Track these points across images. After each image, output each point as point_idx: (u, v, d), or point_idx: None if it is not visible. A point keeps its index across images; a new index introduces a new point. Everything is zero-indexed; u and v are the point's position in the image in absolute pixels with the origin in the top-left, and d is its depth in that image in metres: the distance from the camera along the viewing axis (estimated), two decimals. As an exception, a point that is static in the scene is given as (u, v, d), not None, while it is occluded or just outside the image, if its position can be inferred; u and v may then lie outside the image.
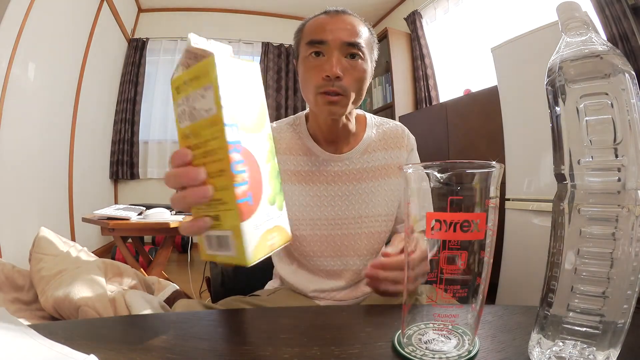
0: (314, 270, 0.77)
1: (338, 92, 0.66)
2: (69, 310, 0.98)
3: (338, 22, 0.67)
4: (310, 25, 0.70)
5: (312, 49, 0.67)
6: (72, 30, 2.77)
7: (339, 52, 0.66)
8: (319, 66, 0.66)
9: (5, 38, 2.01)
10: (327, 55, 0.66)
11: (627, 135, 0.29)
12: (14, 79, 2.06)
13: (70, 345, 0.32)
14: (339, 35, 0.66)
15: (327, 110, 0.67)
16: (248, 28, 4.20)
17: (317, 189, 0.75)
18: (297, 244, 0.75)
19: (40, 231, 1.30)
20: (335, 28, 0.66)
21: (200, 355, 0.35)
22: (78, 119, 2.88)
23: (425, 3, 3.34)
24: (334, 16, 0.69)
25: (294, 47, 0.74)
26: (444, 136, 2.62)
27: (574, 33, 0.32)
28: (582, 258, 0.30)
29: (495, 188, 0.33)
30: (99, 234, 2.06)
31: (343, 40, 0.66)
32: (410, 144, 0.81)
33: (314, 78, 0.67)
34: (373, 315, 0.48)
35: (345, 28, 0.67)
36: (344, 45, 0.66)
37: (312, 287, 0.76)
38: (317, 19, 0.70)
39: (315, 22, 0.69)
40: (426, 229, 0.34)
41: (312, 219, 0.74)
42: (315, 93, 0.67)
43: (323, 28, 0.67)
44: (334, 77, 0.64)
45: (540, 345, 0.32)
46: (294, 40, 0.74)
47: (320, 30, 0.67)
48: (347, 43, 0.66)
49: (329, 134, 0.75)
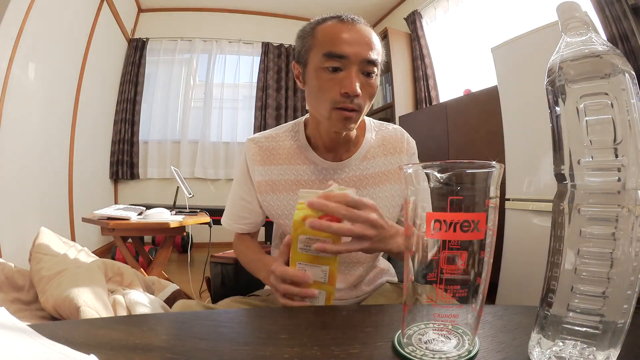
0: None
1: (354, 109, 0.65)
2: (69, 310, 0.98)
3: (357, 34, 0.65)
4: (326, 33, 0.66)
5: (331, 62, 0.64)
6: (72, 30, 2.77)
7: (357, 67, 0.64)
8: (337, 81, 0.64)
9: (5, 38, 2.01)
10: (346, 70, 0.64)
11: (627, 135, 0.29)
12: (14, 79, 2.06)
13: (70, 345, 0.32)
14: (359, 50, 0.63)
15: (341, 126, 0.66)
16: (248, 28, 4.20)
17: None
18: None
19: (40, 231, 1.30)
20: (355, 42, 0.64)
21: (200, 355, 0.35)
22: (78, 119, 2.88)
23: (425, 3, 3.34)
24: (351, 27, 0.65)
25: (300, 51, 0.70)
26: (444, 136, 2.62)
27: (574, 33, 0.32)
28: (582, 258, 0.30)
29: (495, 188, 0.33)
30: (99, 234, 2.06)
31: (364, 57, 0.64)
32: (410, 148, 0.80)
33: (330, 92, 0.64)
34: (373, 315, 0.48)
35: (365, 42, 0.64)
36: (364, 62, 0.64)
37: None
38: (333, 26, 0.66)
39: (332, 31, 0.66)
40: (426, 229, 0.34)
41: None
42: (330, 108, 0.65)
43: (342, 40, 0.64)
44: (353, 95, 0.63)
45: (540, 345, 0.32)
46: (301, 42, 0.70)
47: (339, 42, 0.64)
48: (367, 60, 0.64)
49: (330, 143, 0.74)
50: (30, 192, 2.31)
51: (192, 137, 4.04)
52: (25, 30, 2.12)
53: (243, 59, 4.27)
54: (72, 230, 2.79)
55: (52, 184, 2.60)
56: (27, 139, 2.28)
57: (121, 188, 3.92)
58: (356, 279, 0.77)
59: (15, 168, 2.14)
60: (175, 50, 4.09)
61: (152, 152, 3.96)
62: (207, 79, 4.15)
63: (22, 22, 2.11)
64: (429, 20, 3.37)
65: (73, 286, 1.01)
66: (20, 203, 2.19)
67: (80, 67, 2.91)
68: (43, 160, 2.46)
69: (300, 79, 0.72)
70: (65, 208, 2.76)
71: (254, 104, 4.18)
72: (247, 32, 4.20)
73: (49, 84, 2.50)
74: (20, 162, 2.20)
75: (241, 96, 4.27)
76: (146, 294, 1.16)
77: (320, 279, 0.53)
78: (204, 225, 2.23)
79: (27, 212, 2.27)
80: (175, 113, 4.06)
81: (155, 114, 4.03)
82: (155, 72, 4.05)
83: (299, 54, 0.71)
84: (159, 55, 4.05)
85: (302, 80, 0.71)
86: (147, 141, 3.96)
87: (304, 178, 0.75)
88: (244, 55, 4.26)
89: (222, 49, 4.17)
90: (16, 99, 2.09)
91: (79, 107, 2.89)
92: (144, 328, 0.42)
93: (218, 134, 4.11)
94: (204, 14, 4.13)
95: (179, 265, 3.16)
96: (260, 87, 4.17)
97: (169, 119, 4.05)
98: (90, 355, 0.30)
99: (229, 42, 4.19)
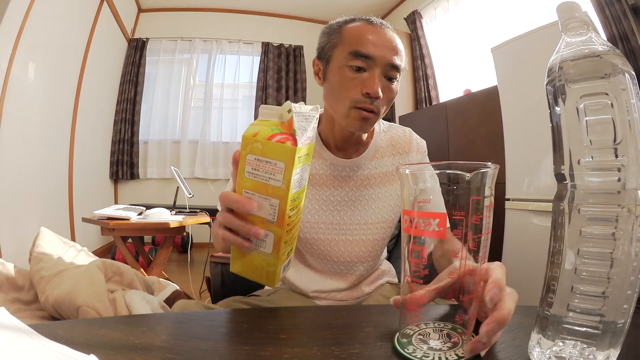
0: (316, 271, 0.77)
1: (372, 110, 0.65)
2: (69, 310, 0.98)
3: (384, 38, 0.65)
4: (353, 32, 0.66)
5: (356, 61, 0.64)
6: (72, 30, 2.77)
7: (381, 70, 0.64)
8: (360, 81, 0.64)
9: (5, 38, 2.01)
10: (370, 72, 0.64)
11: (627, 135, 0.29)
12: (14, 79, 2.06)
13: (70, 345, 0.32)
14: (385, 54, 0.64)
15: (358, 125, 0.66)
16: (248, 28, 4.20)
17: (323, 192, 0.75)
18: (300, 245, 0.75)
19: (40, 231, 1.30)
20: (382, 45, 0.64)
21: (200, 355, 0.35)
22: (78, 119, 2.88)
23: (425, 3, 3.34)
24: (379, 29, 0.66)
25: (324, 47, 0.70)
26: (444, 136, 2.62)
27: (574, 33, 0.32)
28: (582, 258, 0.30)
29: (490, 188, 0.33)
30: (99, 234, 2.06)
31: (389, 61, 0.64)
32: (420, 148, 0.81)
33: (352, 91, 0.64)
34: (373, 315, 0.48)
35: (391, 47, 0.65)
36: (388, 66, 0.65)
37: (313, 288, 0.76)
38: (361, 27, 0.66)
39: (360, 31, 0.66)
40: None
41: (316, 222, 0.74)
42: (350, 106, 0.65)
43: (369, 41, 0.64)
44: (374, 97, 0.64)
45: (540, 345, 0.32)
46: (326, 38, 0.70)
47: (366, 43, 0.64)
48: (392, 65, 0.65)
49: (341, 142, 0.74)
50: (30, 192, 2.31)
51: (192, 137, 4.04)
52: (25, 30, 2.12)
53: (243, 59, 4.27)
54: (72, 230, 2.79)
55: (52, 184, 2.60)
56: (27, 139, 2.28)
57: (121, 188, 3.92)
58: (356, 278, 0.77)
59: (15, 168, 2.14)
60: (175, 50, 4.09)
61: (152, 152, 3.96)
62: (207, 79, 4.15)
63: (22, 22, 2.11)
64: (429, 20, 3.37)
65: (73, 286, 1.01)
66: (20, 203, 2.19)
67: (80, 67, 2.91)
68: (43, 160, 2.46)
69: (319, 76, 0.72)
70: (65, 208, 2.76)
71: (253, 103, 4.18)
72: (247, 32, 4.20)
73: (49, 84, 2.50)
74: (20, 162, 2.20)
75: (241, 96, 4.28)
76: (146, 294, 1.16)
77: (268, 216, 0.42)
78: (204, 225, 2.24)
79: (27, 212, 2.27)
80: (175, 113, 4.06)
81: (155, 114, 4.03)
82: (155, 72, 4.05)
83: (322, 50, 0.70)
84: (159, 55, 4.05)
85: (322, 77, 0.71)
86: (147, 141, 3.96)
87: (318, 172, 0.75)
88: (244, 55, 4.26)
89: (222, 49, 4.17)
90: (16, 99, 2.09)
91: (79, 107, 2.89)
92: (144, 328, 0.42)
93: (218, 134, 4.11)
94: (204, 14, 4.13)
95: (179, 265, 3.16)
96: (260, 87, 4.18)
97: (169, 119, 4.05)
98: (90, 355, 0.30)
99: (229, 42, 4.19)
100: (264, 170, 0.41)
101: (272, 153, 0.40)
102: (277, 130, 0.41)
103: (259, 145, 0.40)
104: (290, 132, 0.40)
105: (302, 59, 4.33)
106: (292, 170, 0.40)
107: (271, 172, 0.40)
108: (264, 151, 0.40)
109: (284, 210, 0.41)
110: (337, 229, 0.74)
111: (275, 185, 0.40)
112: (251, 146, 0.41)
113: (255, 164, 0.41)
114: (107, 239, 3.33)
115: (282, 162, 0.40)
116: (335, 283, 0.76)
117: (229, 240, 0.44)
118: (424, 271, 0.35)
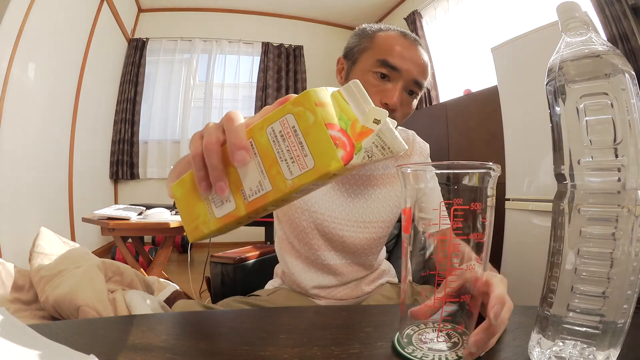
0: (315, 264, 0.76)
1: None
2: (69, 310, 0.98)
3: (414, 53, 0.66)
4: (385, 41, 0.67)
5: (383, 69, 0.65)
6: (72, 30, 2.77)
7: (404, 84, 0.65)
8: (381, 89, 0.65)
9: (5, 38, 2.01)
10: (393, 83, 0.65)
11: (627, 135, 0.29)
12: (14, 79, 2.06)
13: (70, 345, 0.32)
14: (412, 69, 0.65)
15: None
16: (248, 28, 4.21)
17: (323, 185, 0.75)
18: (302, 236, 0.75)
19: (40, 231, 1.30)
20: (410, 59, 0.65)
21: (200, 355, 0.35)
22: (78, 119, 2.88)
23: (425, 3, 3.34)
24: (412, 44, 0.67)
25: (353, 48, 0.70)
26: (444, 136, 2.62)
27: (574, 33, 0.32)
28: (582, 258, 0.30)
29: (491, 188, 0.33)
30: (99, 234, 2.06)
31: (414, 77, 0.65)
32: (422, 151, 0.81)
33: (371, 98, 0.65)
34: (373, 315, 0.48)
35: (420, 64, 0.66)
36: (412, 81, 0.65)
37: (313, 283, 0.75)
38: (394, 37, 0.67)
39: (392, 41, 0.66)
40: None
41: (315, 212, 0.73)
42: None
43: (399, 53, 0.65)
44: (392, 108, 0.64)
45: (540, 345, 0.32)
46: (357, 40, 0.70)
47: (396, 54, 0.65)
48: (416, 81, 0.66)
49: None
50: (30, 192, 2.31)
51: (192, 137, 4.05)
52: (25, 30, 2.12)
53: (243, 59, 4.27)
54: (72, 230, 2.79)
55: (52, 184, 2.60)
56: (27, 139, 2.28)
57: (121, 188, 3.92)
58: (351, 274, 0.77)
59: (15, 168, 2.14)
60: (175, 50, 4.09)
61: (152, 152, 3.96)
62: (207, 79, 4.16)
63: (22, 22, 2.11)
64: (429, 20, 3.37)
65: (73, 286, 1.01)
66: (20, 203, 2.19)
67: (80, 67, 2.91)
68: (43, 160, 2.46)
69: (341, 75, 0.73)
70: (65, 208, 2.76)
71: (254, 104, 4.18)
72: (247, 32, 4.20)
73: (49, 84, 2.50)
74: (21, 162, 2.20)
75: (241, 96, 4.28)
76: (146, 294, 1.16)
77: (247, 188, 0.32)
78: (204, 225, 2.23)
79: (27, 212, 2.27)
80: (175, 113, 4.06)
81: (155, 114, 4.03)
82: (155, 72, 4.06)
83: (350, 50, 0.71)
84: (159, 55, 4.05)
85: (344, 77, 0.72)
86: (147, 141, 3.96)
87: None
88: (244, 55, 4.26)
89: (222, 49, 4.18)
90: (16, 99, 2.09)
91: (79, 107, 2.89)
92: (144, 328, 0.42)
93: (218, 134, 4.11)
94: (204, 14, 4.13)
95: (179, 265, 3.16)
96: (260, 87, 4.18)
97: (169, 119, 4.05)
98: (90, 355, 0.30)
99: (229, 42, 4.20)
100: (288, 149, 0.30)
101: (314, 142, 0.29)
102: (344, 124, 0.29)
103: (310, 118, 0.29)
104: (355, 141, 0.29)
105: (302, 59, 4.33)
106: (316, 179, 0.29)
107: (293, 159, 0.30)
108: (308, 130, 0.29)
109: (266, 201, 0.31)
110: (334, 222, 0.74)
111: (284, 174, 0.30)
112: (303, 110, 0.29)
113: (287, 132, 0.30)
114: (107, 239, 3.33)
115: (314, 162, 0.29)
116: (334, 278, 0.76)
117: (195, 163, 0.34)
118: (425, 272, 0.35)
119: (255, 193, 0.32)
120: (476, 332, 0.33)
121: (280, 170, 0.30)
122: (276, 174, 0.30)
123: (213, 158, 0.33)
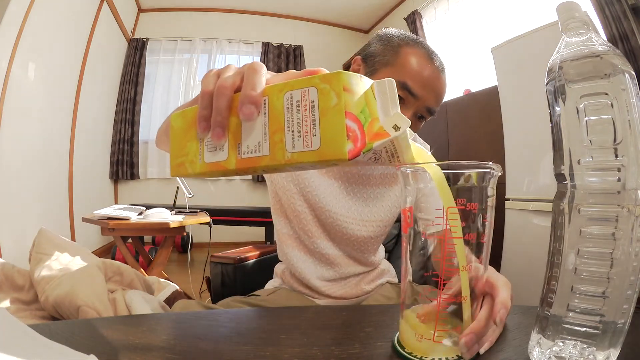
0: (314, 254, 0.76)
1: None
2: (69, 310, 0.98)
3: (436, 82, 0.65)
4: (410, 62, 0.64)
5: (400, 92, 0.62)
6: (72, 30, 2.77)
7: (417, 109, 0.65)
8: None
9: (5, 38, 2.01)
10: (406, 107, 0.64)
11: (627, 135, 0.29)
12: (14, 79, 2.06)
13: (70, 345, 0.32)
14: (430, 97, 0.65)
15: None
16: (248, 28, 4.21)
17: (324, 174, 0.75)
18: (298, 220, 0.75)
19: (40, 231, 1.30)
20: (431, 88, 0.65)
21: (200, 355, 0.35)
22: (78, 119, 2.88)
23: (425, 3, 3.34)
24: (436, 72, 0.65)
25: (375, 55, 0.68)
26: (444, 136, 2.62)
27: (574, 33, 0.32)
28: (582, 258, 0.30)
29: (492, 188, 0.33)
30: (99, 234, 2.06)
31: (429, 105, 0.65)
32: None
33: None
34: (373, 315, 0.48)
35: (438, 93, 0.66)
36: (425, 108, 0.65)
37: (313, 274, 0.75)
38: (421, 60, 0.64)
39: (418, 65, 0.64)
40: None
41: (314, 202, 0.73)
42: None
43: (421, 80, 0.63)
44: None
45: (540, 345, 0.32)
46: (381, 48, 0.67)
47: (418, 80, 0.63)
48: (429, 109, 0.66)
49: None
50: (30, 192, 2.31)
51: (192, 137, 4.05)
52: (25, 30, 2.12)
53: (243, 59, 4.27)
54: (72, 230, 2.79)
55: (52, 184, 2.60)
56: (27, 139, 2.28)
57: (121, 188, 3.92)
58: (347, 271, 0.77)
59: (15, 168, 2.14)
60: (175, 50, 4.09)
61: (152, 152, 3.96)
62: (207, 79, 4.16)
63: (22, 22, 2.11)
64: (429, 20, 3.37)
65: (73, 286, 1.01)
66: (20, 203, 2.19)
67: (80, 67, 2.91)
68: (43, 160, 2.46)
69: None
70: (65, 208, 2.76)
71: (253, 104, 4.18)
72: (247, 32, 4.20)
73: (49, 84, 2.50)
74: (20, 162, 2.20)
75: (241, 96, 4.28)
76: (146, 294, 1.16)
77: (244, 145, 0.30)
78: (204, 225, 2.24)
79: (27, 212, 2.27)
80: (175, 113, 4.07)
81: (155, 114, 4.03)
82: (155, 72, 4.06)
83: (371, 57, 0.68)
84: (159, 55, 4.05)
85: None
86: (147, 141, 3.96)
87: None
88: (244, 55, 4.26)
89: (222, 49, 4.18)
90: (16, 99, 2.09)
91: (79, 107, 2.89)
92: (144, 328, 0.42)
93: (218, 134, 4.11)
94: (204, 14, 4.13)
95: (179, 265, 3.16)
96: (260, 87, 4.18)
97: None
98: (90, 355, 0.30)
99: (229, 42, 4.20)
100: (299, 121, 0.28)
101: (327, 125, 0.27)
102: (364, 118, 0.28)
103: (332, 100, 0.27)
104: (368, 139, 0.28)
105: (302, 59, 4.33)
106: (315, 162, 0.28)
107: (300, 133, 0.28)
108: (326, 111, 0.27)
109: (258, 164, 0.30)
110: (333, 217, 0.74)
111: (285, 144, 0.28)
112: (329, 89, 0.27)
113: (304, 105, 0.28)
114: (107, 239, 3.33)
115: (320, 145, 0.27)
116: (334, 270, 0.76)
117: (202, 100, 0.32)
118: (425, 272, 0.35)
119: (250, 152, 0.30)
120: (465, 333, 0.33)
121: (284, 139, 0.28)
122: (278, 141, 0.29)
123: (221, 101, 0.31)
